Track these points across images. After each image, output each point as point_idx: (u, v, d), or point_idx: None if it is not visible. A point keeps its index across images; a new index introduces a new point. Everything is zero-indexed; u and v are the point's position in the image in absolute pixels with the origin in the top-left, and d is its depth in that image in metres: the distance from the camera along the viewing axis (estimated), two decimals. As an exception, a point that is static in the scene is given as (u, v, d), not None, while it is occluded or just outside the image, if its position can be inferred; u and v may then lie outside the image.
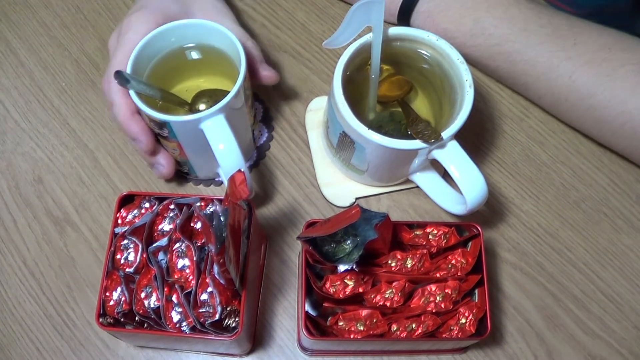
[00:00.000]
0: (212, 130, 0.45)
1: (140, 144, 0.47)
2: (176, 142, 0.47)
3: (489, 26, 0.54)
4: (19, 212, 0.54)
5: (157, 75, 0.49)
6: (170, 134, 0.46)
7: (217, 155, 0.45)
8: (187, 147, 0.48)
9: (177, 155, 0.50)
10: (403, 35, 0.49)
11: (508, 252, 0.53)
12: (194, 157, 0.50)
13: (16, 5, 0.63)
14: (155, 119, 0.44)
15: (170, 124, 0.44)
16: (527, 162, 0.57)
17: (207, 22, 0.48)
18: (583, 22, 0.53)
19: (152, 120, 0.45)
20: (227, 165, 0.45)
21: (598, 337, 0.50)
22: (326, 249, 0.43)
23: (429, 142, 0.44)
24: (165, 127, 0.45)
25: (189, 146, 0.48)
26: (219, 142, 0.45)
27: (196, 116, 0.44)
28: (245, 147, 0.53)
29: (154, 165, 0.50)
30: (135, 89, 0.45)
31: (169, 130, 0.45)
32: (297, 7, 0.63)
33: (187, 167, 0.52)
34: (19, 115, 0.58)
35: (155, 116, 0.44)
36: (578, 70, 0.51)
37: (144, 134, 0.47)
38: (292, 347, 0.50)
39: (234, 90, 0.45)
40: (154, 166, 0.51)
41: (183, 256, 0.43)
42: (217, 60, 0.50)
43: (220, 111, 0.45)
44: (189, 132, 0.46)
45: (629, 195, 0.55)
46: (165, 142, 0.48)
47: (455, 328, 0.43)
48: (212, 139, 0.45)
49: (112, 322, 0.42)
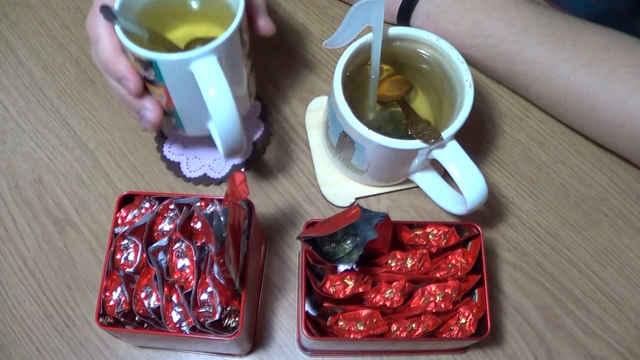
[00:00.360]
0: (203, 73, 0.41)
1: (127, 83, 0.43)
2: (163, 87, 0.43)
3: (488, 27, 0.54)
4: (19, 212, 0.54)
5: (147, 16, 0.45)
6: (157, 76, 0.42)
7: (208, 102, 0.41)
8: (174, 94, 0.44)
9: (165, 104, 0.45)
10: (403, 35, 0.49)
11: (508, 252, 0.53)
12: (183, 107, 0.45)
13: (16, 5, 0.63)
14: (141, 57, 0.41)
15: (157, 63, 0.41)
16: (527, 162, 0.57)
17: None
18: (583, 22, 0.53)
19: (137, 60, 0.41)
20: (218, 114, 0.41)
21: (598, 337, 0.50)
22: (326, 249, 0.43)
23: (429, 142, 0.44)
24: (152, 68, 0.41)
25: (177, 92, 0.44)
26: (210, 87, 0.40)
27: (186, 55, 0.40)
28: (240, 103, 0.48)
29: (139, 111, 0.46)
30: (122, 26, 0.41)
31: (156, 72, 0.41)
32: (297, 7, 0.63)
33: (174, 120, 0.47)
34: (19, 115, 0.58)
35: (141, 54, 0.40)
36: (577, 72, 0.51)
37: (131, 71, 0.43)
38: (292, 347, 0.50)
39: (230, 30, 0.41)
40: (140, 113, 0.46)
41: (183, 256, 0.43)
42: (216, 9, 0.47)
43: (213, 52, 0.41)
44: (177, 74, 0.42)
45: (629, 195, 0.55)
46: (151, 88, 0.44)
47: (455, 328, 0.43)
48: (203, 82, 0.41)
49: (112, 322, 0.42)
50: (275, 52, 0.61)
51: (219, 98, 0.41)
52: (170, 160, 0.55)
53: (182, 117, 0.47)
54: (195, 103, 0.42)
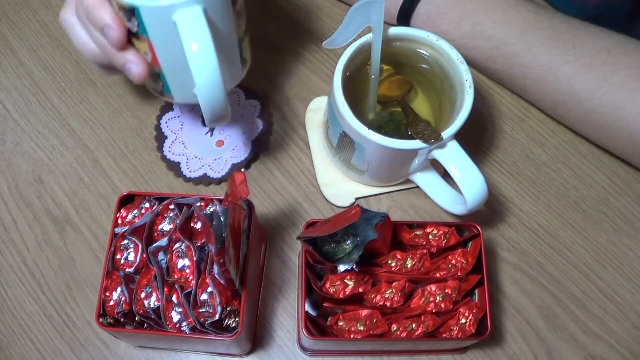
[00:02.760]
0: (186, 24, 0.38)
1: (111, 32, 0.41)
2: (147, 41, 0.41)
3: (487, 28, 0.54)
4: (19, 212, 0.54)
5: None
6: (139, 27, 0.40)
7: (189, 57, 0.38)
8: (159, 48, 0.42)
9: (150, 62, 0.43)
10: (403, 35, 0.49)
11: (508, 252, 0.53)
12: (168, 65, 0.43)
13: (16, 5, 0.63)
14: (124, 4, 0.39)
15: (139, 10, 0.39)
16: (527, 162, 0.57)
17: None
18: (583, 24, 0.53)
19: (120, 8, 0.40)
20: (199, 71, 0.39)
21: (598, 337, 0.50)
22: (326, 249, 0.43)
23: (429, 142, 0.44)
24: (135, 17, 0.40)
25: (161, 47, 0.41)
26: (193, 40, 0.38)
27: (169, 2, 0.38)
28: (231, 70, 0.46)
29: (124, 65, 0.44)
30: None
31: (139, 22, 0.40)
32: (297, 7, 0.63)
33: (161, 84, 0.45)
34: (19, 115, 0.58)
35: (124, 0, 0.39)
36: (576, 74, 0.51)
37: (115, 20, 0.41)
38: (292, 347, 0.50)
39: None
40: (125, 67, 0.44)
41: (183, 256, 0.43)
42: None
43: (198, 1, 0.39)
44: (160, 25, 0.40)
45: (629, 195, 0.55)
46: (136, 44, 0.43)
47: (455, 328, 0.43)
48: (185, 35, 0.38)
49: (112, 322, 0.42)
50: (276, 52, 0.61)
51: (201, 53, 0.38)
52: (170, 160, 0.55)
53: (169, 78, 0.45)
54: (182, 61, 0.39)
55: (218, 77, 0.39)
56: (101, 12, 0.41)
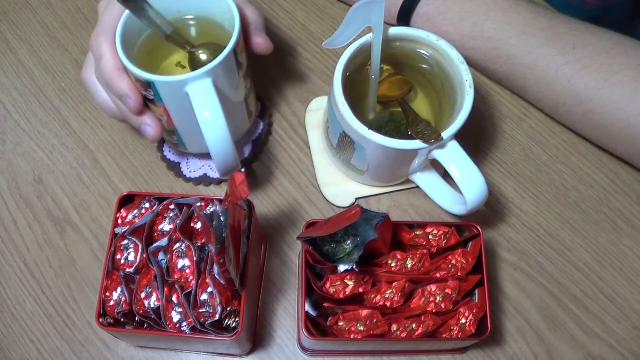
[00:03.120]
0: (198, 95, 0.42)
1: (128, 100, 0.45)
2: (162, 107, 0.45)
3: (488, 29, 0.54)
4: (19, 212, 0.54)
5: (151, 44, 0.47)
6: (156, 96, 0.44)
7: (201, 123, 0.42)
8: (173, 113, 0.46)
9: (165, 123, 0.47)
10: (403, 35, 0.49)
11: (508, 252, 0.53)
12: (182, 126, 0.47)
13: (16, 5, 0.63)
14: (140, 78, 0.42)
15: (155, 84, 0.42)
16: (527, 162, 0.57)
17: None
18: (583, 24, 0.53)
19: (137, 80, 0.43)
20: (211, 135, 0.42)
21: (598, 337, 0.50)
22: (326, 249, 0.43)
23: (429, 142, 0.44)
24: (151, 89, 0.43)
25: (175, 112, 0.45)
26: (204, 109, 0.42)
27: (181, 77, 0.42)
28: (239, 122, 0.51)
29: (140, 126, 0.48)
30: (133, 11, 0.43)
31: (155, 92, 0.43)
32: (297, 7, 0.63)
33: (175, 137, 0.50)
34: (19, 115, 0.58)
35: (140, 75, 0.42)
36: (576, 75, 0.51)
37: (133, 89, 0.44)
38: (292, 347, 0.50)
39: (224, 54, 0.43)
40: (141, 128, 0.48)
41: (183, 256, 0.43)
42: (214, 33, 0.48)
43: (207, 74, 0.42)
44: (174, 95, 0.43)
45: (629, 195, 0.55)
46: (152, 107, 0.46)
47: (455, 328, 0.43)
48: (197, 104, 0.42)
49: (112, 322, 0.42)
50: (276, 52, 0.61)
51: (211, 120, 0.42)
52: (170, 160, 0.55)
53: (183, 135, 0.49)
54: (194, 123, 0.43)
55: (228, 139, 0.43)
56: (119, 82, 0.44)
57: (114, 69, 0.44)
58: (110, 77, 0.45)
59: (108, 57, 0.44)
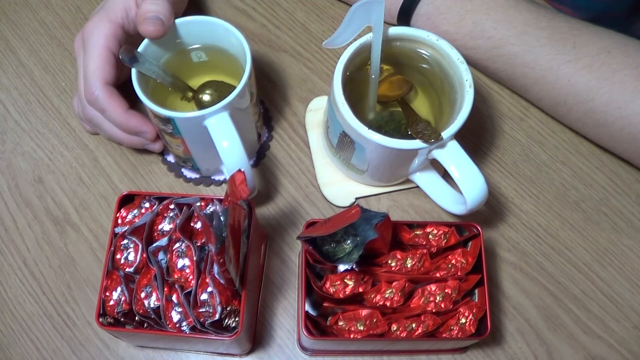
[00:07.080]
0: (217, 128, 0.45)
1: (145, 135, 0.49)
2: (180, 139, 0.48)
3: (488, 28, 0.54)
4: (19, 212, 0.54)
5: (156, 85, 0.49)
6: (174, 130, 0.46)
7: (221, 153, 0.45)
8: (191, 144, 0.48)
9: (182, 152, 0.50)
10: (403, 35, 0.49)
11: (508, 252, 0.53)
12: (198, 154, 0.50)
13: (16, 5, 0.63)
14: (160, 115, 0.45)
15: (174, 120, 0.45)
16: (527, 162, 0.57)
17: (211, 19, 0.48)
18: (583, 24, 0.53)
19: (156, 117, 0.46)
20: (231, 163, 0.45)
21: (598, 337, 0.50)
22: (326, 249, 0.43)
23: (429, 142, 0.44)
24: (170, 124, 0.46)
25: (193, 143, 0.48)
26: (223, 140, 0.45)
27: (201, 113, 0.44)
28: (250, 146, 0.54)
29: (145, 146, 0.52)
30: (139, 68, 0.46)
31: (174, 126, 0.46)
32: (297, 7, 0.63)
33: (191, 163, 0.53)
34: (19, 115, 0.58)
35: (161, 112, 0.44)
36: (577, 74, 0.51)
37: (146, 122, 0.48)
38: (292, 347, 0.50)
39: (239, 88, 0.45)
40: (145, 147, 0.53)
41: (183, 256, 0.43)
42: (223, 61, 0.50)
43: (224, 108, 0.45)
44: (193, 128, 0.46)
45: (629, 195, 0.55)
46: (169, 139, 0.49)
47: (455, 328, 0.43)
48: (216, 136, 0.45)
49: (112, 322, 0.42)
50: (276, 52, 0.61)
51: (231, 149, 0.45)
52: (170, 162, 0.55)
53: (198, 161, 0.52)
54: (210, 151, 0.46)
55: (247, 164, 0.45)
56: (132, 123, 0.49)
57: (122, 115, 0.48)
58: (122, 123, 0.48)
59: (110, 107, 0.47)
